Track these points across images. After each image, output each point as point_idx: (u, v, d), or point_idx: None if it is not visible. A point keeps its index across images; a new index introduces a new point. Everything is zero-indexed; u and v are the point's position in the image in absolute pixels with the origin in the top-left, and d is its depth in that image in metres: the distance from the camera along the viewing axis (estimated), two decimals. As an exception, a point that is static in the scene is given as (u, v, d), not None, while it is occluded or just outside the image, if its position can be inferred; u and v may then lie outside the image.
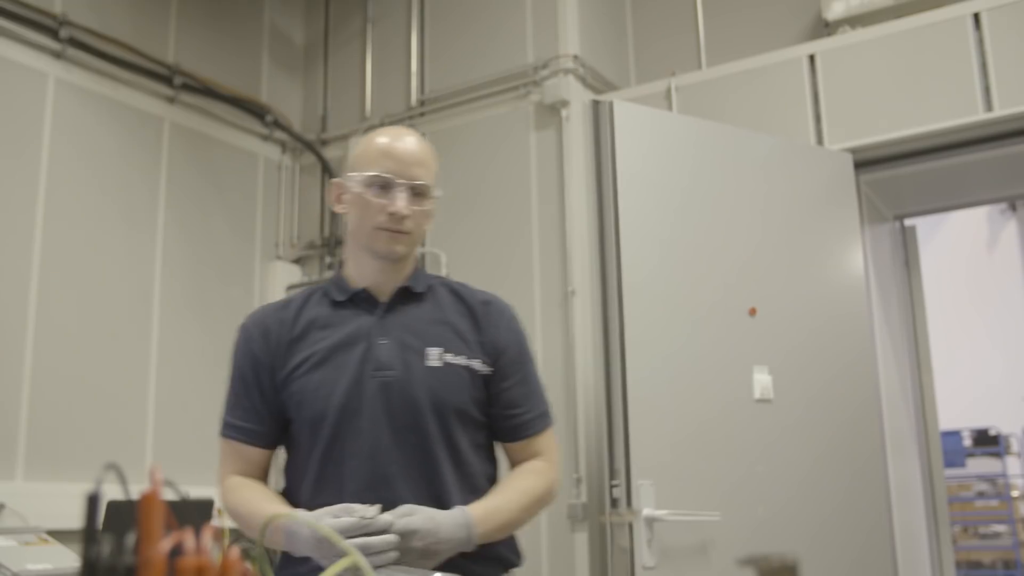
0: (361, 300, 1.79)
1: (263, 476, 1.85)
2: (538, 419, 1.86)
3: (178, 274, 4.11)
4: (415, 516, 1.55)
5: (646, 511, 3.10)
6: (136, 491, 0.54)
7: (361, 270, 1.81)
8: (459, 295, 1.85)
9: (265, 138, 4.66)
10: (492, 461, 1.88)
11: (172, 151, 4.18)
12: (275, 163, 4.74)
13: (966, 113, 3.36)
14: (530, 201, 3.94)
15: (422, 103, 4.43)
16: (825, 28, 3.84)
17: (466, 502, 1.70)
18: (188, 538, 0.54)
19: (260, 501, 1.73)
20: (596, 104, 4.07)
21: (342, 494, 1.65)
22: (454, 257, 4.07)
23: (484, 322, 1.82)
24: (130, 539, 0.53)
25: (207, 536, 0.54)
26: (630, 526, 3.23)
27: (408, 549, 1.52)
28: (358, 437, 1.70)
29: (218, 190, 4.39)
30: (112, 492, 0.64)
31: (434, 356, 1.74)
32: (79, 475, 3.48)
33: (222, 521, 3.63)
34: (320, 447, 1.73)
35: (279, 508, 1.73)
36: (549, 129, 3.98)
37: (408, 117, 4.43)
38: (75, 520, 0.52)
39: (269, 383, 1.79)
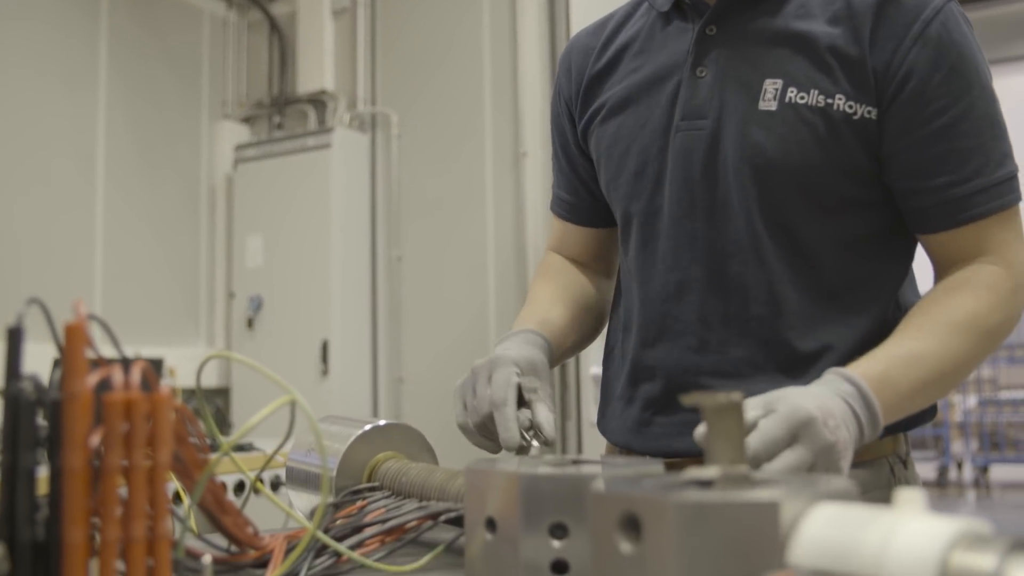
0: (688, 8, 1.17)
1: (592, 263, 1.37)
2: (979, 195, 1.04)
3: (122, 134, 4.01)
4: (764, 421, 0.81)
5: (593, 369, 3.18)
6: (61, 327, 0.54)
7: None
8: None
9: (209, -8, 4.49)
10: (882, 266, 1.12)
11: (112, 4, 4.02)
12: (220, 19, 4.58)
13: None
14: (482, 59, 3.86)
15: (372, -44, 4.28)
16: None
17: (828, 342, 1.08)
18: (116, 373, 0.53)
19: (538, 302, 1.27)
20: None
21: (632, 309, 1.20)
22: (404, 116, 3.99)
23: (877, 28, 1.05)
24: (55, 375, 0.52)
25: (137, 371, 0.53)
26: (577, 385, 3.32)
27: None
28: (655, 221, 1.16)
29: (162, 47, 4.25)
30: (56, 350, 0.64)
31: (771, 94, 1.07)
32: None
33: (173, 382, 3.67)
34: (620, 233, 1.26)
35: (542, 318, 1.22)
36: (503, -16, 3.87)
37: (357, -29, 4.29)
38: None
39: (574, 135, 1.32)
